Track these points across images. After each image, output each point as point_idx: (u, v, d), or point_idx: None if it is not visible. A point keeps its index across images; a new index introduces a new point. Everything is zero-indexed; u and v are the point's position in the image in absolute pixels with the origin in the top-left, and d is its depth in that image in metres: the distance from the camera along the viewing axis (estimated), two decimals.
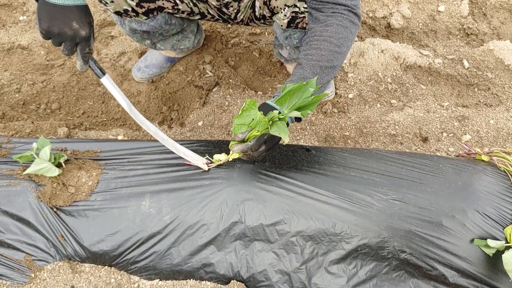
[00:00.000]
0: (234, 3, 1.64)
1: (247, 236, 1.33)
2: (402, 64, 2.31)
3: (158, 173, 1.42)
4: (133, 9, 1.65)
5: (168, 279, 1.39)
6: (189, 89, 2.24)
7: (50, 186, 1.38)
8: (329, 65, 1.34)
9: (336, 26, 1.35)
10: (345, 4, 1.37)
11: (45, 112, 2.17)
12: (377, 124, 2.09)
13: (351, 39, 1.39)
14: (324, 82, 1.34)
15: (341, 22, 1.36)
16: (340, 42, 1.35)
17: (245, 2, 1.66)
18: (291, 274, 1.33)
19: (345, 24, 1.36)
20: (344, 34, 1.36)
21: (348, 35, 1.37)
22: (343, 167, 1.43)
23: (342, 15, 1.37)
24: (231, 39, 2.49)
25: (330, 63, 1.34)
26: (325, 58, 1.33)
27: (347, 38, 1.37)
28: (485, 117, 2.08)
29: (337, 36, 1.35)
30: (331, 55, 1.34)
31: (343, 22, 1.36)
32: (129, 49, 2.46)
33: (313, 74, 1.32)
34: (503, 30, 2.61)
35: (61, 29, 1.18)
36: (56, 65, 2.38)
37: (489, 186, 1.39)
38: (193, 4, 1.69)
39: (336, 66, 1.36)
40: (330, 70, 1.35)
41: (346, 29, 1.37)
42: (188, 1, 1.67)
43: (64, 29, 1.18)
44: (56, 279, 1.36)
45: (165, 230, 1.35)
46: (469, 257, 1.29)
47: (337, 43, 1.35)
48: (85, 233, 1.37)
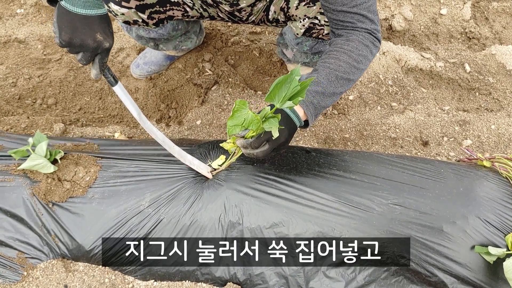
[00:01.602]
0: (248, 8, 1.62)
1: (245, 238, 1.32)
2: (404, 66, 2.29)
3: (158, 172, 1.41)
4: (143, 20, 1.63)
5: (163, 280, 1.37)
6: (187, 87, 2.22)
7: (45, 182, 1.36)
8: (345, 76, 1.32)
9: (358, 42, 1.34)
10: (365, 28, 1.35)
11: (41, 107, 2.15)
12: (377, 127, 2.07)
13: (370, 59, 1.38)
14: (337, 92, 1.31)
15: (362, 40, 1.34)
16: (360, 58, 1.34)
17: (258, 7, 1.64)
18: (288, 278, 1.32)
19: (366, 43, 1.35)
20: (364, 52, 1.34)
21: (367, 54, 1.35)
22: (343, 170, 1.41)
23: (364, 35, 1.35)
24: (231, 38, 2.48)
25: (346, 75, 1.32)
26: (342, 69, 1.31)
27: (366, 57, 1.35)
28: (486, 122, 2.07)
29: (357, 52, 1.33)
30: (349, 68, 1.32)
31: (364, 41, 1.34)
32: (127, 45, 2.44)
33: (327, 80, 1.29)
34: (505, 34, 2.60)
35: (83, 41, 1.12)
36: (53, 59, 2.36)
37: (491, 193, 1.38)
38: (203, 9, 1.68)
39: (352, 80, 1.34)
40: (345, 81, 1.32)
41: (367, 47, 1.35)
42: (198, 7, 1.66)
43: (88, 41, 1.12)
44: (49, 278, 1.34)
45: (162, 230, 1.33)
46: (469, 264, 1.28)
47: (356, 59, 1.33)
48: (80, 231, 1.35)
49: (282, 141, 1.23)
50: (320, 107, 1.30)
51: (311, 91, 1.27)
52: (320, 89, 1.28)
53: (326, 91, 1.28)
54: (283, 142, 1.24)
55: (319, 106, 1.29)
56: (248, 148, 1.21)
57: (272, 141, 1.21)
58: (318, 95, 1.28)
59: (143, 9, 1.59)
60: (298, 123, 1.28)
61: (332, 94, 1.30)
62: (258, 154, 1.21)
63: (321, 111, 1.32)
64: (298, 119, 1.27)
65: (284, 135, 1.23)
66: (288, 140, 1.27)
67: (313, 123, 1.30)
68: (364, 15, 1.33)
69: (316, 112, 1.29)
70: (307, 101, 1.26)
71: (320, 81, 1.28)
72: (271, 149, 1.21)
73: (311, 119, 1.29)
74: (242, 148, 1.23)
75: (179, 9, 1.65)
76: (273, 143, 1.21)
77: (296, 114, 1.26)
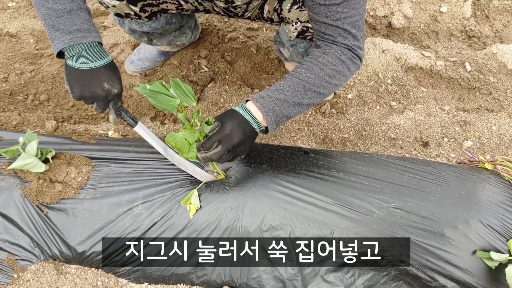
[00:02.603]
0: (243, 5, 1.61)
1: (242, 241, 1.30)
2: (403, 65, 2.27)
3: (151, 173, 1.39)
4: (135, 13, 1.60)
5: (157, 283, 1.37)
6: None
7: (36, 183, 1.35)
8: (314, 89, 1.30)
9: (334, 57, 1.32)
10: (346, 44, 1.33)
11: (33, 104, 2.11)
12: (376, 127, 2.05)
13: (347, 75, 1.36)
14: (303, 102, 1.29)
15: (340, 55, 1.33)
16: (333, 73, 1.32)
17: (254, 4, 1.63)
18: (286, 282, 1.31)
19: (343, 59, 1.33)
20: (339, 68, 1.32)
21: (343, 70, 1.34)
22: (343, 172, 1.40)
23: (342, 50, 1.34)
24: (227, 34, 2.44)
25: (315, 88, 1.30)
26: (311, 81, 1.29)
27: (341, 73, 1.33)
28: (487, 123, 2.05)
29: (331, 66, 1.31)
30: (319, 81, 1.30)
31: (341, 57, 1.33)
32: (122, 41, 2.41)
33: (292, 89, 1.28)
34: (506, 33, 2.58)
35: (93, 92, 1.19)
36: (46, 54, 2.33)
37: (493, 196, 1.36)
38: (198, 3, 1.65)
39: (322, 93, 1.32)
40: (313, 94, 1.30)
41: (343, 63, 1.33)
42: (193, 1, 1.63)
43: (97, 92, 1.19)
44: (40, 281, 1.33)
45: (156, 232, 1.31)
46: (470, 269, 1.27)
47: (329, 73, 1.31)
48: (73, 232, 1.33)
49: (236, 142, 1.21)
50: (283, 115, 1.27)
51: (274, 98, 1.26)
52: (283, 97, 1.26)
53: (290, 100, 1.26)
54: (238, 142, 1.22)
55: (281, 114, 1.27)
56: (201, 150, 1.22)
57: (225, 142, 1.20)
58: (281, 102, 1.26)
59: (135, 1, 1.56)
60: (257, 127, 1.25)
61: (296, 104, 1.28)
62: (212, 156, 1.21)
63: (284, 119, 1.29)
64: (256, 123, 1.25)
65: (237, 135, 1.21)
66: (243, 141, 1.23)
67: (275, 130, 1.28)
68: (346, 30, 1.31)
69: (277, 120, 1.27)
70: (267, 108, 1.24)
71: (284, 89, 1.27)
72: (225, 150, 1.20)
73: (271, 126, 1.27)
74: (198, 153, 1.23)
75: (173, 2, 1.62)
76: (226, 144, 1.20)
77: (252, 117, 1.24)
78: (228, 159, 1.25)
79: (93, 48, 1.19)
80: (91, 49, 1.18)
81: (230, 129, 1.20)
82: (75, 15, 1.17)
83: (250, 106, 1.25)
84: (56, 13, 1.15)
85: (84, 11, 1.20)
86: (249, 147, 1.27)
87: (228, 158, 1.24)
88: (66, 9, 1.16)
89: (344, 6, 1.26)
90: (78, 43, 1.16)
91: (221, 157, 1.21)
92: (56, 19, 1.16)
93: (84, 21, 1.18)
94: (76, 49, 1.17)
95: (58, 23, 1.16)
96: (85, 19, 1.19)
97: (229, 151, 1.22)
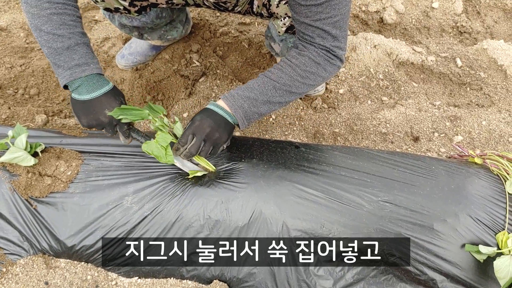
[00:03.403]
0: (233, 0, 1.61)
1: (231, 235, 1.30)
2: (395, 60, 2.27)
3: (142, 167, 1.39)
4: (125, 7, 1.59)
5: (147, 277, 1.36)
6: (174, 78, 2.18)
7: (25, 176, 1.34)
8: (285, 88, 1.34)
9: (308, 58, 1.35)
10: (323, 45, 1.34)
11: (23, 98, 2.09)
12: (367, 122, 2.05)
13: (323, 76, 1.38)
14: (274, 101, 1.34)
15: (314, 57, 1.35)
16: (306, 74, 1.35)
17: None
18: (276, 275, 1.31)
19: (318, 60, 1.35)
20: (313, 69, 1.35)
21: (319, 71, 1.36)
22: (333, 166, 1.40)
23: (317, 52, 1.35)
24: (219, 28, 2.43)
25: (286, 87, 1.34)
26: (282, 80, 1.33)
27: (316, 74, 1.36)
28: (477, 118, 2.06)
29: (304, 68, 1.34)
30: (291, 81, 1.34)
31: (316, 58, 1.35)
32: (113, 35, 2.39)
33: (262, 88, 1.33)
34: (496, 29, 2.60)
35: (97, 120, 1.27)
36: (36, 48, 2.31)
37: (482, 190, 1.37)
38: None
39: (295, 92, 1.36)
40: (284, 92, 1.34)
41: (318, 65, 1.35)
42: None
43: (100, 119, 1.27)
44: (29, 275, 1.32)
45: (146, 226, 1.31)
46: (459, 263, 1.28)
47: (302, 74, 1.34)
48: (62, 226, 1.33)
49: (208, 130, 1.27)
50: (252, 112, 1.32)
51: (242, 96, 1.31)
52: (252, 95, 1.31)
53: (259, 98, 1.32)
54: (210, 130, 1.27)
55: (251, 111, 1.32)
56: (180, 149, 1.28)
57: (198, 133, 1.26)
58: (250, 100, 1.31)
59: None
60: (227, 116, 1.31)
61: (266, 102, 1.33)
62: (191, 150, 1.26)
63: (255, 116, 1.34)
64: (226, 113, 1.31)
65: (207, 123, 1.27)
66: (216, 129, 1.29)
67: (247, 126, 1.33)
68: (326, 31, 1.31)
69: (247, 116, 1.32)
70: (236, 105, 1.30)
71: (254, 87, 1.33)
72: (200, 140, 1.26)
73: (242, 122, 1.32)
74: (176, 152, 1.30)
75: None
76: (199, 134, 1.26)
77: (221, 108, 1.31)
78: (209, 150, 1.29)
79: (92, 79, 1.26)
80: (90, 80, 1.25)
81: (200, 119, 1.28)
82: (73, 51, 1.23)
83: (220, 103, 1.32)
84: (56, 51, 1.22)
85: (81, 45, 1.25)
86: (226, 136, 1.31)
87: (208, 149, 1.29)
88: (64, 47, 1.22)
89: (325, 6, 1.26)
90: (78, 77, 1.23)
91: (199, 148, 1.27)
92: (57, 56, 1.22)
93: (82, 55, 1.24)
94: (76, 83, 1.24)
95: (58, 60, 1.23)
96: (83, 54, 1.25)
97: (205, 141, 1.27)
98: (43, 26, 1.21)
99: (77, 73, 1.23)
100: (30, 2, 1.20)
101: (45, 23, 1.20)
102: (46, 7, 1.20)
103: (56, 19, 1.21)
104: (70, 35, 1.23)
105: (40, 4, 1.20)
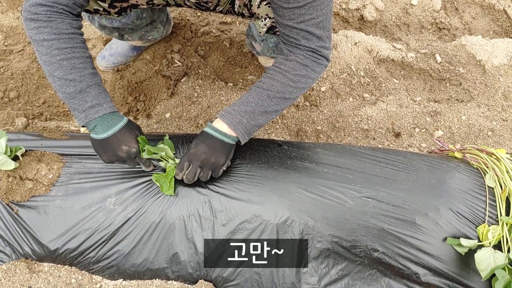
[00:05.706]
0: None
1: (216, 234, 1.30)
2: (375, 57, 2.29)
3: (124, 168, 1.38)
4: (104, 9, 1.58)
5: (132, 279, 1.35)
6: (156, 79, 2.17)
7: (6, 181, 1.32)
8: (279, 95, 1.35)
9: (295, 62, 1.36)
10: (309, 46, 1.35)
11: (2, 101, 2.07)
12: (349, 119, 2.07)
13: (313, 77, 1.39)
14: (271, 110, 1.35)
15: (301, 60, 1.36)
16: (297, 78, 1.35)
17: None
18: (260, 273, 1.31)
19: (305, 63, 1.36)
20: (303, 72, 1.36)
21: (308, 73, 1.37)
22: (315, 163, 1.40)
23: (304, 55, 1.36)
24: (200, 28, 2.43)
25: (280, 94, 1.35)
26: (275, 88, 1.34)
27: (306, 76, 1.37)
28: (457, 113, 2.09)
29: (294, 72, 1.35)
30: (283, 88, 1.35)
31: (304, 61, 1.36)
32: (93, 36, 2.37)
33: (257, 99, 1.33)
34: (474, 25, 2.63)
35: (117, 156, 1.31)
36: (15, 50, 2.27)
37: (463, 184, 1.38)
38: None
39: (289, 98, 1.37)
40: (279, 100, 1.35)
41: (307, 67, 1.36)
42: None
43: (119, 154, 1.30)
44: (12, 280, 1.30)
45: (130, 228, 1.30)
46: (441, 256, 1.29)
47: (292, 78, 1.35)
48: (44, 230, 1.31)
49: (204, 156, 1.30)
50: (252, 126, 1.33)
51: (240, 111, 1.32)
52: (249, 109, 1.32)
53: (256, 110, 1.33)
54: (205, 157, 1.30)
55: (250, 125, 1.33)
56: (179, 174, 1.31)
57: (193, 160, 1.30)
58: (247, 114, 1.32)
59: None
60: (224, 138, 1.32)
61: (263, 112, 1.34)
62: (188, 176, 1.29)
63: (255, 129, 1.35)
64: (222, 134, 1.32)
65: (201, 150, 1.30)
66: (211, 154, 1.31)
67: (246, 139, 1.34)
68: (310, 32, 1.32)
69: (247, 131, 1.33)
70: (235, 122, 1.31)
71: (249, 100, 1.34)
72: (196, 167, 1.29)
73: (242, 137, 1.33)
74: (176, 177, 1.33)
75: None
76: (194, 161, 1.30)
77: (216, 130, 1.32)
78: (208, 175, 1.32)
79: (107, 118, 1.29)
80: (105, 119, 1.29)
81: (195, 146, 1.32)
82: (86, 93, 1.26)
83: (217, 122, 1.33)
84: (70, 96, 1.25)
85: (93, 86, 1.28)
86: (224, 158, 1.32)
87: (207, 174, 1.31)
88: (77, 91, 1.25)
89: (307, 8, 1.27)
90: (93, 118, 1.27)
91: (195, 174, 1.30)
92: (71, 100, 1.26)
93: (95, 97, 1.27)
94: (92, 124, 1.28)
95: (73, 104, 1.26)
96: (95, 95, 1.27)
97: (202, 167, 1.30)
98: (55, 72, 1.22)
99: (91, 115, 1.27)
100: (41, 50, 1.22)
101: (57, 69, 1.23)
102: (56, 54, 1.22)
103: (66, 64, 1.24)
104: (81, 79, 1.25)
105: (50, 51, 1.22)
